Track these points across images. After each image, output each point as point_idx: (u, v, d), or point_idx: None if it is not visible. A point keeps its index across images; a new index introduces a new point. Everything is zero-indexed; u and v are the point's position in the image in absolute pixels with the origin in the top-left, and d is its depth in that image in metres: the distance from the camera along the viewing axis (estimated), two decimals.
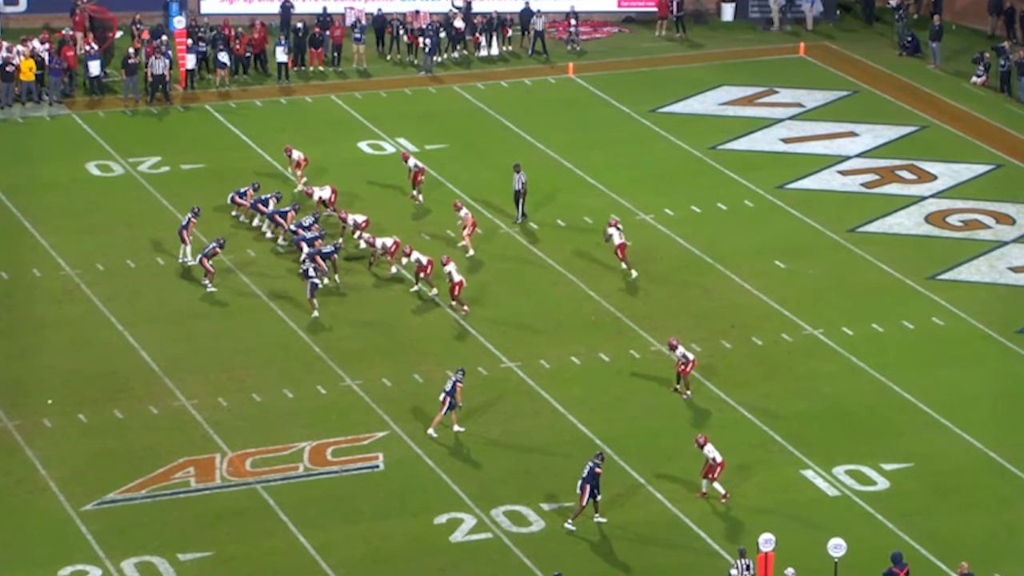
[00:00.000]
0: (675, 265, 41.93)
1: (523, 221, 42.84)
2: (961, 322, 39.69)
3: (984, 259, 42.47)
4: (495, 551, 31.75)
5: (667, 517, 32.87)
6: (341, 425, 35.46)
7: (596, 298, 40.41)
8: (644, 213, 44.18)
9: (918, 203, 45.12)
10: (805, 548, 30.92)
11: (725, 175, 46.44)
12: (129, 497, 33.23)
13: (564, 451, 34.75)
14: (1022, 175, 46.72)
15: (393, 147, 47.84)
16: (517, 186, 42.60)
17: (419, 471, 34.14)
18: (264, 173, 45.93)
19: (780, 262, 42.02)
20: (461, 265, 40.31)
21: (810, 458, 34.55)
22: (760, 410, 36.05)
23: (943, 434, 35.54)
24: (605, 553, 31.74)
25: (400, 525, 32.56)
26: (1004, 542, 32.22)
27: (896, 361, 37.96)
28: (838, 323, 39.33)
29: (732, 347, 38.40)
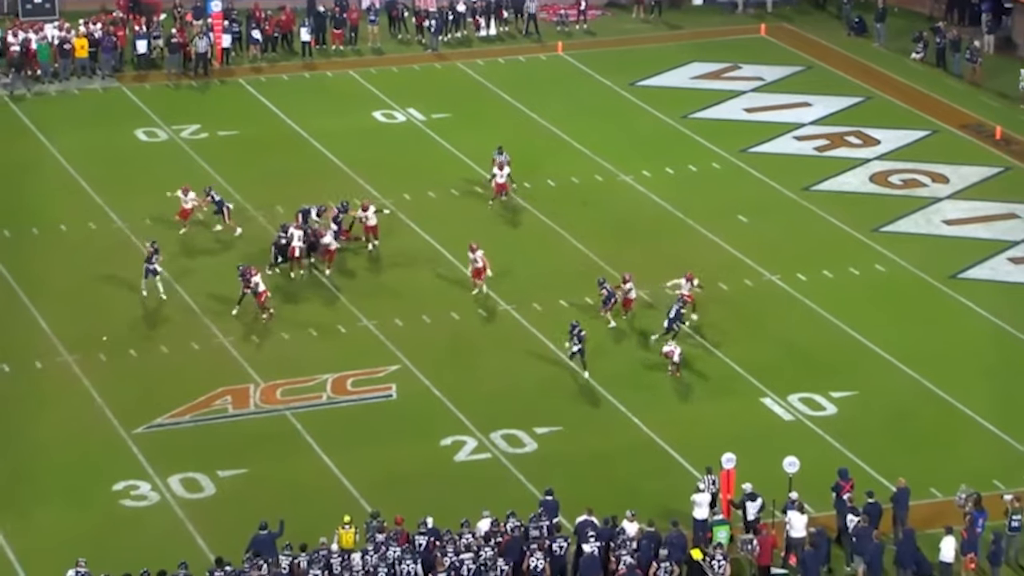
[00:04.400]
0: (651, 220, 41.80)
1: (505, 195, 41.81)
2: (901, 269, 39.62)
3: (921, 214, 42.34)
4: (494, 469, 31.80)
5: (644, 440, 32.87)
6: (359, 359, 35.38)
7: (582, 248, 40.33)
8: (625, 174, 44.05)
9: (863, 165, 44.95)
10: (763, 465, 30.94)
11: (695, 141, 46.23)
12: (174, 422, 33.23)
13: (554, 382, 34.70)
14: (955, 140, 46.54)
15: (404, 116, 47.62)
16: (501, 168, 41.67)
17: (427, 400, 34.10)
18: (290, 140, 45.64)
19: (743, 217, 41.88)
20: (470, 307, 37.75)
21: (768, 388, 34.54)
22: (726, 346, 35.99)
23: (885, 368, 35.53)
24: (590, 471, 31.76)
25: (410, 447, 32.58)
26: (939, 461, 32.26)
27: (844, 304, 37.90)
28: (793, 270, 39.24)
29: (702, 292, 38.14)
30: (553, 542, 28.30)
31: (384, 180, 43.26)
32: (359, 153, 44.79)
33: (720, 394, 34.28)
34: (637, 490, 30.48)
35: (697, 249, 40.33)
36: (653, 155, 45.21)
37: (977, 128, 47.10)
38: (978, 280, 39.26)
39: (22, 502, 30.74)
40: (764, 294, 38.41)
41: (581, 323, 34.77)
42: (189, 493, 31.11)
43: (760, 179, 44.10)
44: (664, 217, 41.90)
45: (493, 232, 40.96)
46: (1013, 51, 51.31)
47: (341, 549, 28.09)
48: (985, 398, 34.25)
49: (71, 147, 45.20)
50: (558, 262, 39.58)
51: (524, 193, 42.86)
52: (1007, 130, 46.72)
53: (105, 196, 42.52)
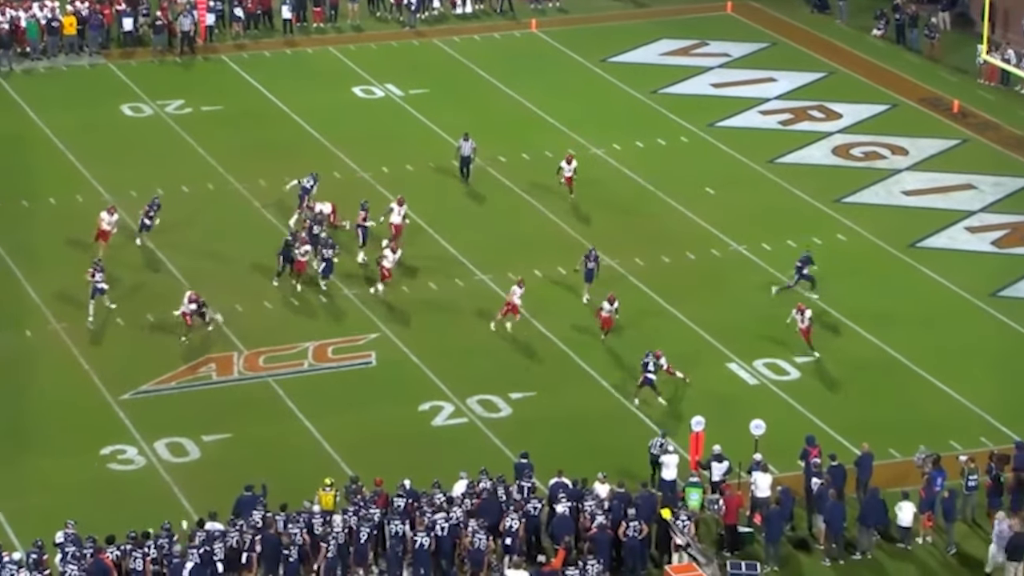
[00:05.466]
0: (621, 192, 41.68)
1: (467, 184, 41.21)
2: (862, 239, 39.59)
3: (881, 185, 42.31)
4: (470, 433, 31.74)
5: (615, 405, 32.81)
6: (340, 328, 35.21)
7: (555, 220, 40.18)
8: (596, 148, 43.88)
9: (826, 138, 44.87)
10: (729, 428, 30.92)
11: (664, 115, 46.07)
12: (160, 388, 33.04)
13: (527, 348, 34.59)
14: (914, 113, 46.48)
15: (382, 91, 47.33)
16: (466, 152, 41.00)
17: (405, 367, 33.99)
18: (272, 115, 45.35)
19: (710, 189, 41.78)
20: (448, 278, 37.06)
21: (734, 354, 34.50)
22: (692, 313, 35.96)
23: (846, 332, 35.51)
24: (563, 435, 31.69)
25: (389, 412, 32.48)
26: (898, 423, 32.28)
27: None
28: (759, 241, 39.18)
29: (670, 261, 38.26)
30: (527, 503, 28.17)
31: (363, 154, 42.99)
32: (339, 128, 44.51)
33: (688, 360, 34.19)
34: (609, 453, 30.41)
35: (666, 220, 40.23)
36: (624, 129, 45.04)
37: (935, 102, 47.04)
38: (936, 249, 39.26)
39: (12, 466, 30.54)
40: (730, 264, 38.36)
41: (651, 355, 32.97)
42: (175, 457, 30.94)
43: (727, 152, 43.99)
44: (634, 189, 41.83)
45: (469, 204, 40.78)
46: (970, 27, 51.24)
47: (322, 510, 27.97)
48: (943, 362, 34.30)
49: (59, 122, 44.77)
50: (533, 233, 39.38)
51: (499, 167, 42.64)
52: (964, 104, 46.68)
53: (92, 169, 42.17)
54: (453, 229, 39.16)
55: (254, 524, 27.27)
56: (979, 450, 30.86)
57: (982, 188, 42.14)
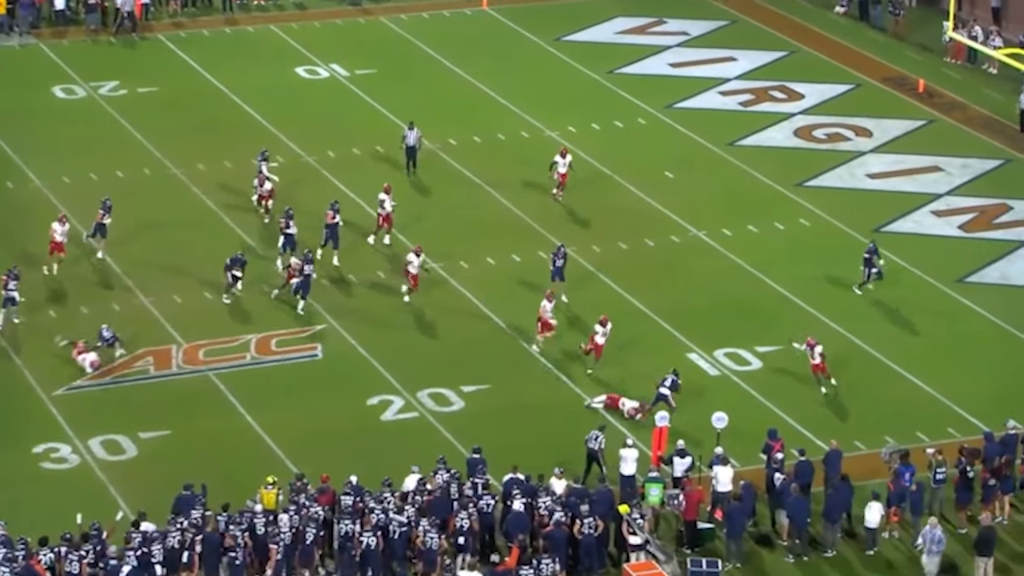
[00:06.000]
0: (577, 176, 41.50)
1: (412, 175, 40.71)
2: (825, 223, 39.68)
3: (845, 167, 42.42)
4: (421, 428, 31.61)
5: (572, 398, 32.73)
6: (284, 319, 34.94)
7: (509, 206, 40.01)
8: (551, 130, 43.72)
9: (788, 119, 44.95)
10: (690, 421, 30.90)
11: (621, 96, 46.01)
12: (95, 383, 32.68)
13: (482, 341, 34.50)
14: (878, 93, 46.63)
15: (327, 72, 47.03)
16: (412, 142, 40.57)
17: (353, 359, 33.80)
18: (211, 97, 44.96)
19: (669, 173, 41.76)
20: (396, 267, 37.50)
21: (694, 343, 34.50)
22: (651, 302, 35.91)
23: (810, 322, 35.57)
24: (518, 429, 31.59)
25: (337, 407, 32.29)
26: (863, 415, 32.36)
27: (769, 258, 37.91)
28: (719, 226, 39.20)
29: (627, 248, 38.19)
30: (480, 499, 28.04)
31: (307, 137, 42.67)
32: (282, 109, 44.19)
33: (647, 350, 34.15)
34: (565, 447, 30.33)
35: (623, 205, 40.14)
36: (579, 111, 44.93)
37: (900, 81, 47.21)
38: (901, 233, 39.40)
39: None
40: (690, 250, 38.34)
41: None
42: (110, 455, 30.63)
43: (686, 134, 43.99)
44: (590, 173, 41.72)
45: (419, 189, 40.53)
46: (936, 3, 51.42)
47: (265, 510, 27.74)
48: (909, 351, 34.43)
49: None
50: (485, 219, 39.23)
51: (450, 150, 42.46)
52: (930, 83, 46.87)
53: (22, 155, 41.62)
54: (402, 216, 38.90)
55: (194, 523, 27.01)
56: (947, 441, 30.99)
57: (949, 170, 42.34)
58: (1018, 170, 42.49)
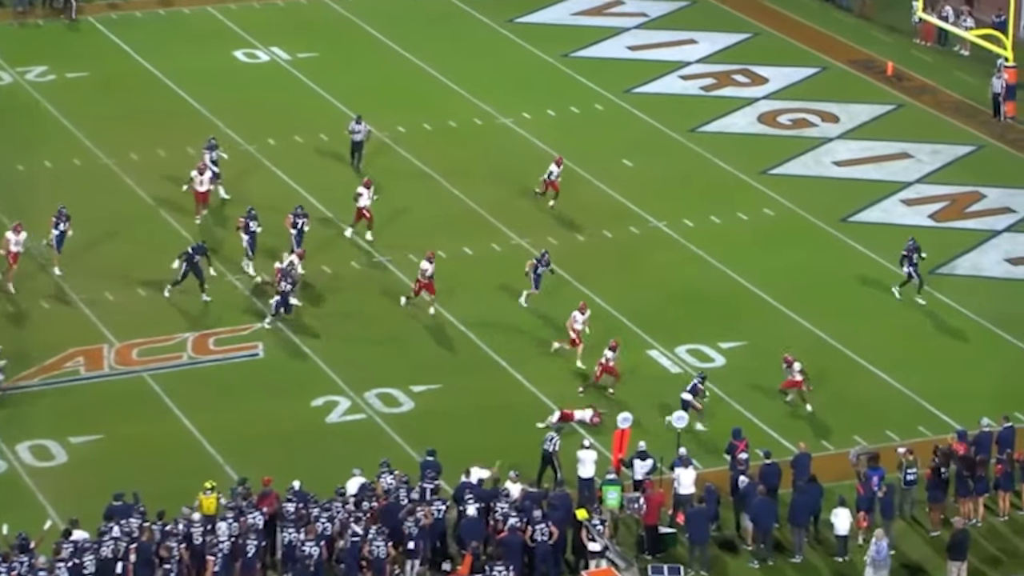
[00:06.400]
0: (531, 164, 41.49)
1: (359, 170, 40.22)
2: (790, 213, 39.81)
3: (811, 155, 42.58)
4: (369, 430, 31.51)
5: (528, 397, 32.72)
6: (223, 317, 34.78)
7: (460, 196, 39.93)
8: (504, 117, 43.70)
9: (752, 104, 45.08)
10: (648, 421, 30.92)
11: (577, 81, 46.02)
12: (22, 386, 32.41)
13: (432, 338, 34.43)
14: (845, 77, 46.84)
15: (267, 55, 46.82)
16: (360, 136, 40.18)
17: (296, 358, 33.69)
18: (145, 82, 44.69)
19: (628, 161, 41.80)
20: (342, 260, 37.04)
21: (655, 339, 34.55)
22: (610, 296, 35.90)
23: (775, 316, 35.70)
24: (471, 430, 31.54)
25: (280, 408, 32.17)
26: (831, 413, 32.49)
27: (732, 250, 38.01)
28: (680, 216, 39.26)
29: (585, 240, 38.21)
30: (431, 505, 27.99)
31: (247, 124, 42.44)
32: (220, 95, 43.98)
33: (602, 348, 34.01)
34: (521, 449, 30.30)
35: (580, 195, 40.14)
36: (534, 96, 44.93)
37: (868, 64, 47.45)
38: (870, 223, 39.57)
39: None
40: (650, 241, 38.38)
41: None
42: (39, 461, 30.39)
43: (645, 120, 44.03)
44: (546, 161, 41.60)
45: (361, 174, 40.37)
46: None
47: (204, 516, 27.58)
48: (878, 345, 34.59)
49: None
50: (436, 211, 39.18)
51: (399, 138, 42.37)
52: (899, 66, 47.12)
53: None
54: (349, 205, 38.72)
55: (128, 532, 26.82)
56: (917, 440, 31.15)
57: (919, 157, 42.57)
58: (991, 156, 42.80)
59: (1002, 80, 44.03)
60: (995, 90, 44.26)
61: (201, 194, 37.94)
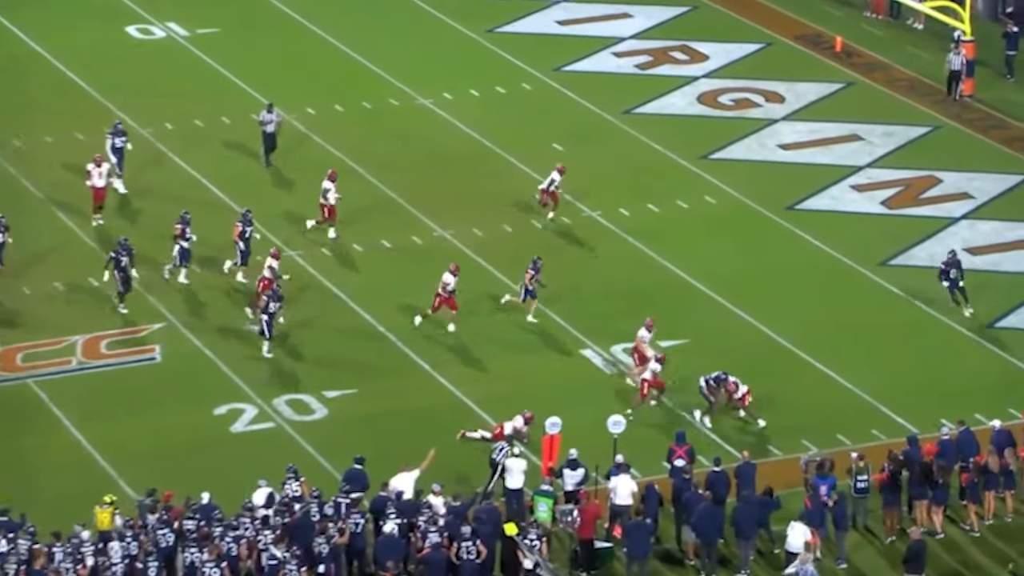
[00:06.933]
0: (454, 149, 41.53)
1: (270, 167, 40.04)
2: (734, 200, 40.02)
3: (754, 138, 42.81)
4: (278, 440, 31.44)
5: (452, 402, 32.73)
6: (116, 317, 34.56)
7: (376, 184, 39.81)
8: (424, 98, 43.69)
9: (691, 84, 45.27)
10: (585, 426, 30.96)
11: (502, 58, 46.06)
12: None
13: (347, 338, 34.37)
14: (790, 53, 47.14)
15: (163, 31, 46.52)
16: (271, 128, 39.80)
17: (197, 362, 33.56)
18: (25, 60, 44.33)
19: (558, 145, 41.83)
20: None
21: (589, 338, 34.58)
22: (540, 292, 35.65)
23: (718, 312, 35.86)
24: (390, 439, 31.47)
25: (179, 417, 32.06)
26: (778, 415, 32.59)
27: (672, 241, 38.17)
28: (615, 204, 39.38)
29: (513, 231, 38.25)
30: (347, 519, 27.89)
31: (140, 107, 42.14)
32: (110, 75, 43.75)
33: (535, 347, 34.24)
34: (445, 458, 30.21)
35: (507, 182, 40.13)
36: (455, 75, 44.93)
37: (815, 40, 47.77)
38: (818, 211, 39.82)
39: None
40: (583, 232, 38.41)
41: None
42: None
43: (576, 101, 44.10)
44: (469, 146, 41.79)
45: (271, 167, 40.22)
46: None
47: (99, 532, 27.33)
48: (827, 342, 34.82)
49: None
50: (351, 200, 38.99)
51: (308, 121, 42.20)
52: (848, 41, 47.47)
53: None
54: (255, 195, 38.53)
55: (19, 557, 26.50)
56: (871, 444, 31.35)
57: (870, 139, 42.92)
58: (947, 138, 43.22)
59: (960, 56, 44.45)
60: (953, 67, 44.64)
61: (98, 190, 37.42)
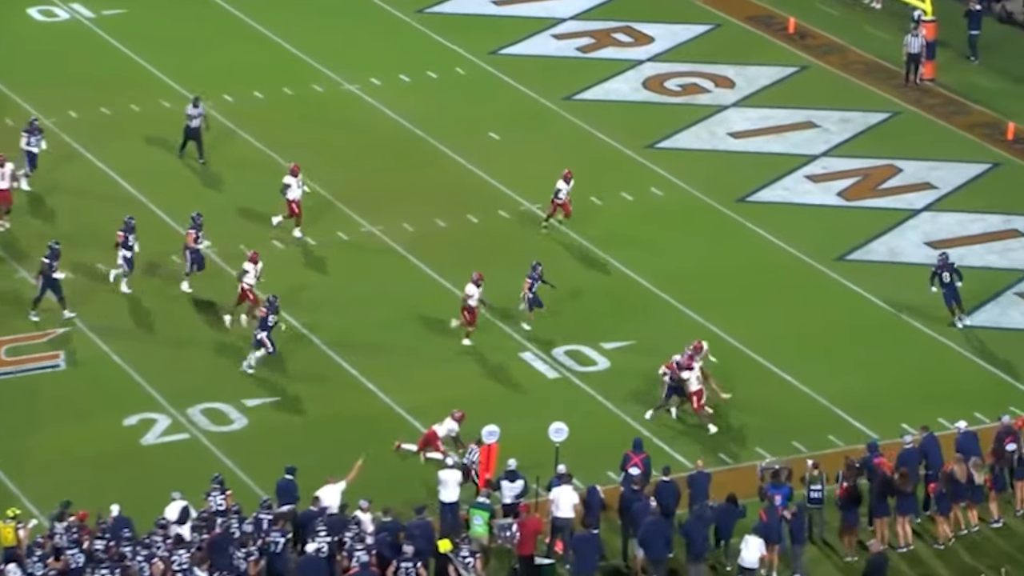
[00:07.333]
0: (383, 139, 41.42)
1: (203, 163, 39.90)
2: (682, 192, 40.07)
3: (703, 125, 42.90)
4: (193, 452, 31.30)
5: (380, 410, 32.63)
6: (16, 321, 34.29)
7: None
8: (350, 84, 43.63)
9: (635, 67, 45.34)
10: (526, 435, 30.87)
11: (434, 41, 46.09)
12: None
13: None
14: (741, 35, 47.26)
15: (67, 13, 46.22)
16: (196, 122, 39.57)
17: (105, 370, 33.39)
18: None
19: (494, 134, 41.88)
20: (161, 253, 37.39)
21: (528, 339, 34.52)
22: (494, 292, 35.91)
23: (665, 311, 35.87)
24: (314, 447, 31.31)
25: (85, 428, 31.87)
26: (730, 420, 32.64)
27: (616, 235, 38.17)
28: None
29: (447, 226, 38.20)
30: (266, 536, 27.73)
31: (42, 94, 41.87)
32: (10, 60, 43.54)
33: (472, 350, 34.11)
34: (374, 470, 30.02)
35: (441, 173, 40.09)
36: (383, 59, 44.86)
37: (767, 21, 47.92)
38: (771, 203, 39.92)
39: None
40: (522, 226, 38.38)
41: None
42: None
43: (513, 87, 44.07)
44: (400, 136, 41.72)
45: (185, 160, 40.05)
46: None
47: (4, 549, 27.07)
48: (781, 343, 34.88)
49: None
50: (269, 194, 38.76)
51: (225, 109, 41.93)
52: (802, 22, 47.66)
53: None
54: (169, 190, 38.38)
55: None
56: (828, 452, 31.38)
57: (826, 126, 43.06)
58: (908, 125, 43.43)
59: (920, 38, 44.60)
60: (912, 49, 44.78)
61: (2, 192, 36.97)
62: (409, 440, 31.14)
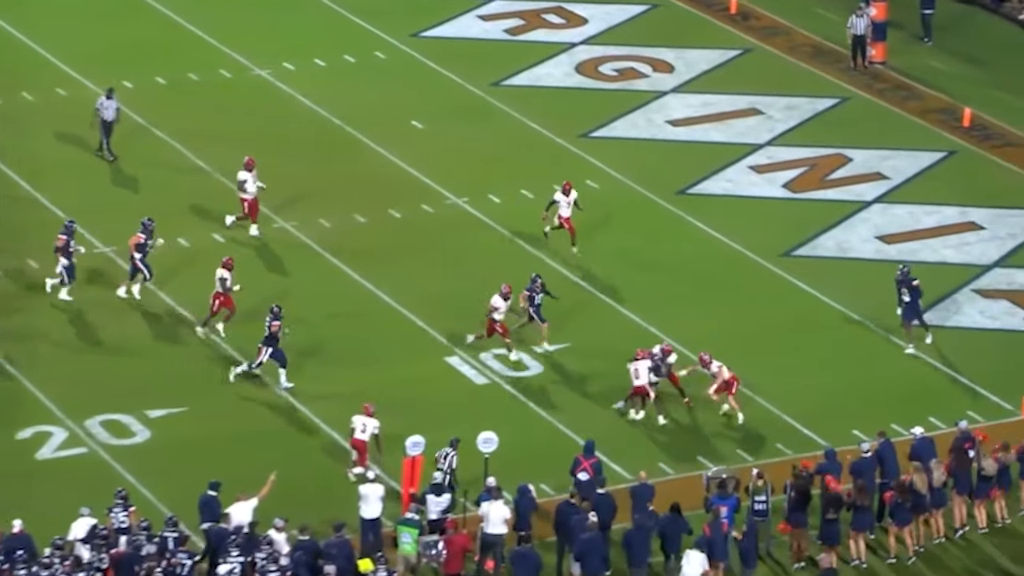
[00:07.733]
0: (297, 128, 41.36)
1: (113, 160, 39.69)
2: (618, 185, 40.12)
3: (641, 113, 42.96)
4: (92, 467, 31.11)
5: (298, 420, 32.55)
6: None
7: (204, 168, 39.62)
8: (261, 68, 43.56)
9: (567, 51, 45.39)
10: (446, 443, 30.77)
11: (351, 22, 46.02)
12: None
13: (169, 349, 34.17)
14: (680, 16, 47.39)
15: None
16: (109, 115, 39.37)
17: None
18: None
19: (417, 122, 41.81)
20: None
21: (455, 342, 34.48)
22: (397, 290, 35.78)
23: (599, 310, 35.83)
24: (223, 461, 31.01)
25: None
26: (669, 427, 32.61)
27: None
28: (484, 190, 39.35)
29: (367, 221, 38.15)
30: (172, 558, 27.53)
31: None
32: None
33: (393, 354, 34.11)
34: (290, 487, 29.85)
35: (360, 165, 40.00)
36: (297, 42, 44.83)
37: (707, 1, 48.03)
38: (712, 195, 40.01)
39: None
40: (448, 222, 38.37)
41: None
42: None
43: (437, 72, 44.07)
44: (315, 124, 41.67)
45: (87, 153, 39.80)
46: None
47: None
48: (724, 344, 34.80)
49: None
50: (175, 187, 38.70)
51: (125, 95, 41.65)
52: (744, 2, 47.89)
53: None
54: (72, 187, 38.18)
55: None
56: (775, 460, 31.41)
57: (771, 113, 43.21)
58: (857, 111, 43.67)
59: (865, 18, 44.67)
60: (857, 31, 44.87)
61: None
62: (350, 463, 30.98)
